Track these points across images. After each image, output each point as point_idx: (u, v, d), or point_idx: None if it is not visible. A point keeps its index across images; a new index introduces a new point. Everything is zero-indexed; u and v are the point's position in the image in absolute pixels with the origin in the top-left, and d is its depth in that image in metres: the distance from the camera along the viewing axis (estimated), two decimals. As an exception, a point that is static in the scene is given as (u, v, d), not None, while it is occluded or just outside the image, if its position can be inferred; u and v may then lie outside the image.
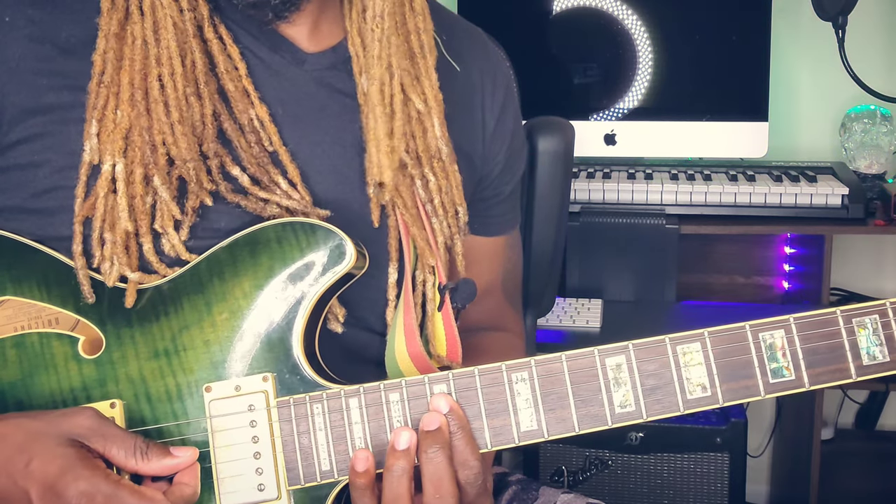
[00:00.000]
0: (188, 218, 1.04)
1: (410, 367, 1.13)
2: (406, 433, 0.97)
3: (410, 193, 1.14)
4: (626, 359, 0.99)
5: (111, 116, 1.03)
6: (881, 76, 2.56)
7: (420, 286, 1.16)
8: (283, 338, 1.02)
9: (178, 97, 1.04)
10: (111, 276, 1.03)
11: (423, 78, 1.14)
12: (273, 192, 1.07)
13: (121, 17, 1.04)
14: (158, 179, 1.03)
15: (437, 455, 0.96)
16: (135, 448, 0.96)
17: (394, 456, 0.97)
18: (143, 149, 1.03)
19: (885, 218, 2.27)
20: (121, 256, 1.02)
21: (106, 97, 1.03)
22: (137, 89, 1.03)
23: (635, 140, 2.55)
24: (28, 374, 1.03)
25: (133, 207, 1.03)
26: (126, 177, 1.02)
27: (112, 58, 1.04)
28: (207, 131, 1.05)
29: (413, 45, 1.14)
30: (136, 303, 1.03)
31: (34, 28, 1.05)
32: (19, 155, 1.05)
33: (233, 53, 1.08)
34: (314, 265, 1.02)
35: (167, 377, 1.02)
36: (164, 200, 1.03)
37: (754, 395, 0.98)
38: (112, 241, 1.02)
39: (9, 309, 1.04)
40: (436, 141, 1.15)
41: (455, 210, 1.19)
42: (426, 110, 1.14)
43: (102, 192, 1.02)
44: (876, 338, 0.98)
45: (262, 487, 1.00)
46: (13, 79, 1.04)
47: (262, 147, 1.08)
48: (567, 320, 2.23)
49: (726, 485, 2.32)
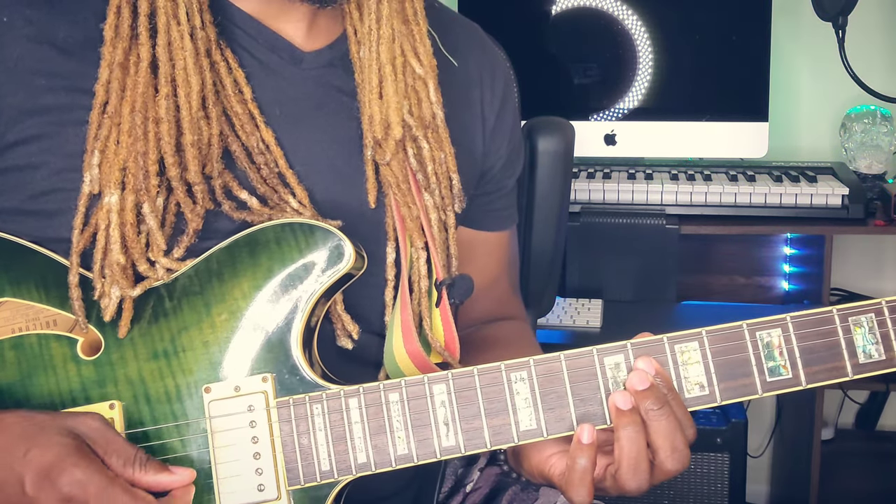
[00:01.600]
0: (188, 239, 1.04)
1: (408, 365, 1.13)
2: (621, 395, 0.97)
3: (402, 169, 1.14)
4: (624, 358, 0.99)
5: (112, 148, 1.02)
6: (881, 76, 2.56)
7: (415, 264, 1.16)
8: (282, 338, 1.02)
9: (193, 117, 1.03)
10: (108, 310, 1.02)
11: (417, 44, 1.14)
12: (283, 211, 1.07)
13: (126, 45, 1.03)
14: (147, 207, 1.02)
15: (664, 411, 0.96)
16: (134, 458, 0.96)
17: (623, 416, 0.96)
18: (137, 175, 1.02)
19: (885, 218, 2.27)
20: (120, 281, 1.02)
21: (108, 128, 1.02)
22: (138, 113, 1.02)
23: (635, 140, 2.55)
24: (27, 376, 1.03)
25: (126, 238, 1.02)
26: (119, 207, 1.02)
27: (116, 88, 1.02)
28: (213, 152, 1.05)
29: (407, 11, 1.14)
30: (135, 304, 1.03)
31: (32, 28, 1.05)
32: (17, 156, 1.04)
33: (238, 77, 1.08)
34: (313, 266, 1.02)
35: (166, 378, 1.02)
36: (152, 230, 1.02)
37: (752, 393, 0.98)
38: (111, 274, 1.02)
39: (7, 310, 1.04)
40: (430, 107, 1.15)
41: (449, 178, 1.19)
42: (423, 74, 1.14)
43: (103, 224, 1.02)
44: (872, 336, 0.98)
45: (262, 488, 1.00)
46: (11, 79, 1.04)
47: (270, 169, 1.08)
48: (567, 320, 2.23)
49: (726, 485, 2.32)
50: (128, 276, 1.02)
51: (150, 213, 1.02)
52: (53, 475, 0.91)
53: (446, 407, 1.00)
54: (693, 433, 0.99)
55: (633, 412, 0.96)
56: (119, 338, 1.02)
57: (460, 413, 0.99)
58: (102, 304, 1.02)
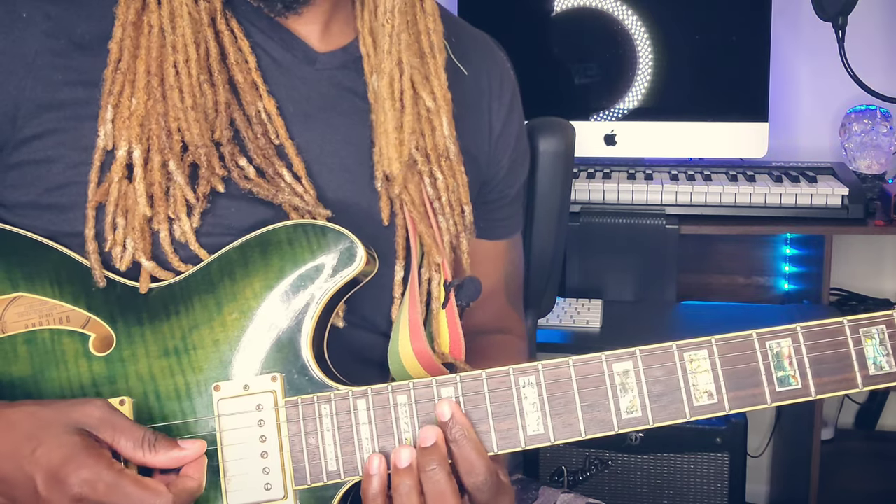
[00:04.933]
0: (199, 204, 1.05)
1: (414, 364, 1.13)
2: (406, 451, 0.97)
3: (419, 191, 1.15)
4: (633, 365, 0.99)
5: (126, 103, 1.04)
6: (881, 76, 2.56)
7: (425, 284, 1.16)
8: (292, 339, 1.02)
9: (192, 84, 1.05)
10: (123, 260, 1.03)
11: (432, 77, 1.14)
12: (277, 185, 1.08)
13: (138, 6, 1.06)
14: (174, 164, 1.04)
15: (435, 472, 0.96)
16: (143, 440, 0.96)
17: (398, 475, 0.97)
18: (160, 135, 1.04)
19: (885, 218, 2.28)
20: (137, 241, 1.03)
21: (122, 84, 1.04)
22: (154, 76, 1.04)
23: (635, 140, 2.55)
24: (39, 371, 1.03)
25: (151, 194, 1.04)
26: (143, 163, 1.03)
27: (129, 45, 1.05)
28: (220, 119, 1.06)
29: (423, 45, 1.14)
30: (147, 301, 1.03)
31: (50, 24, 1.06)
32: (33, 150, 1.05)
33: (243, 47, 1.09)
34: (324, 267, 1.02)
35: (176, 376, 1.02)
36: (179, 185, 1.04)
37: (761, 403, 0.98)
38: (124, 227, 1.03)
39: (21, 306, 1.04)
40: (444, 140, 1.15)
41: (461, 209, 1.19)
42: (435, 108, 1.14)
43: (117, 176, 1.04)
44: (883, 348, 0.98)
45: (269, 487, 1.00)
46: (30, 74, 1.05)
47: (268, 139, 1.09)
48: (567, 320, 2.23)
49: (726, 485, 2.32)
50: (146, 238, 1.04)
51: (177, 169, 1.04)
52: (63, 475, 0.91)
53: (454, 410, 1.00)
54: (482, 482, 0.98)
55: (411, 470, 0.97)
56: (131, 333, 1.03)
57: (468, 416, 0.99)
58: (114, 253, 1.03)
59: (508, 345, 1.36)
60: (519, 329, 1.43)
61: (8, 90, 1.05)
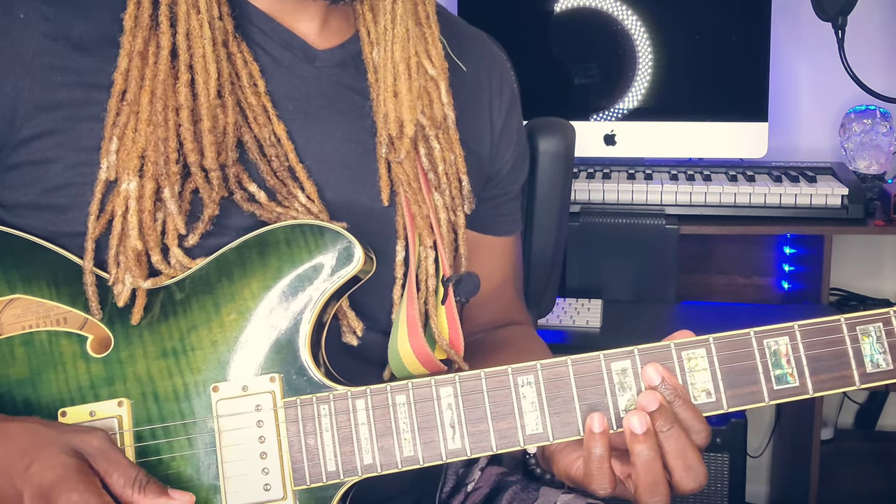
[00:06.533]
0: (203, 225, 1.05)
1: (413, 361, 1.13)
2: (636, 417, 0.95)
3: (413, 168, 1.15)
4: (631, 364, 0.99)
5: (131, 136, 1.03)
6: (881, 76, 2.56)
7: (423, 262, 1.16)
8: (290, 339, 1.02)
9: (211, 104, 1.04)
10: (122, 296, 1.02)
11: (429, 46, 1.16)
12: (290, 206, 1.08)
13: (145, 35, 1.04)
14: (168, 192, 1.03)
15: (673, 431, 0.95)
16: (135, 479, 0.95)
17: (637, 441, 0.95)
18: (157, 161, 1.03)
19: (885, 218, 2.28)
20: (133, 270, 1.02)
21: (127, 116, 1.03)
22: (158, 100, 1.03)
23: (635, 140, 2.55)
24: (36, 373, 1.03)
25: (143, 224, 1.03)
26: (138, 194, 1.03)
27: (135, 76, 1.04)
28: (228, 140, 1.06)
29: (420, 14, 1.15)
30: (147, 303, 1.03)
31: (48, 25, 1.06)
32: (32, 151, 1.05)
33: (253, 70, 1.09)
34: (322, 267, 1.02)
35: (175, 377, 1.02)
36: (172, 215, 1.03)
37: (758, 401, 0.98)
38: (125, 262, 1.03)
39: (18, 307, 1.04)
40: (442, 108, 1.16)
41: (458, 179, 1.19)
42: (435, 75, 1.15)
43: (120, 210, 1.03)
44: (880, 346, 0.97)
45: (268, 487, 1.00)
46: (27, 75, 1.05)
47: (280, 162, 1.09)
48: (567, 320, 2.23)
49: (726, 485, 2.32)
50: (142, 265, 1.03)
51: (171, 197, 1.03)
52: (52, 496, 0.90)
53: (453, 409, 1.00)
54: (704, 438, 0.98)
55: (648, 435, 0.95)
56: (129, 334, 1.03)
57: (467, 416, 0.99)
58: (115, 290, 1.03)
59: (524, 332, 1.38)
60: (528, 319, 1.45)
61: (6, 91, 1.04)
